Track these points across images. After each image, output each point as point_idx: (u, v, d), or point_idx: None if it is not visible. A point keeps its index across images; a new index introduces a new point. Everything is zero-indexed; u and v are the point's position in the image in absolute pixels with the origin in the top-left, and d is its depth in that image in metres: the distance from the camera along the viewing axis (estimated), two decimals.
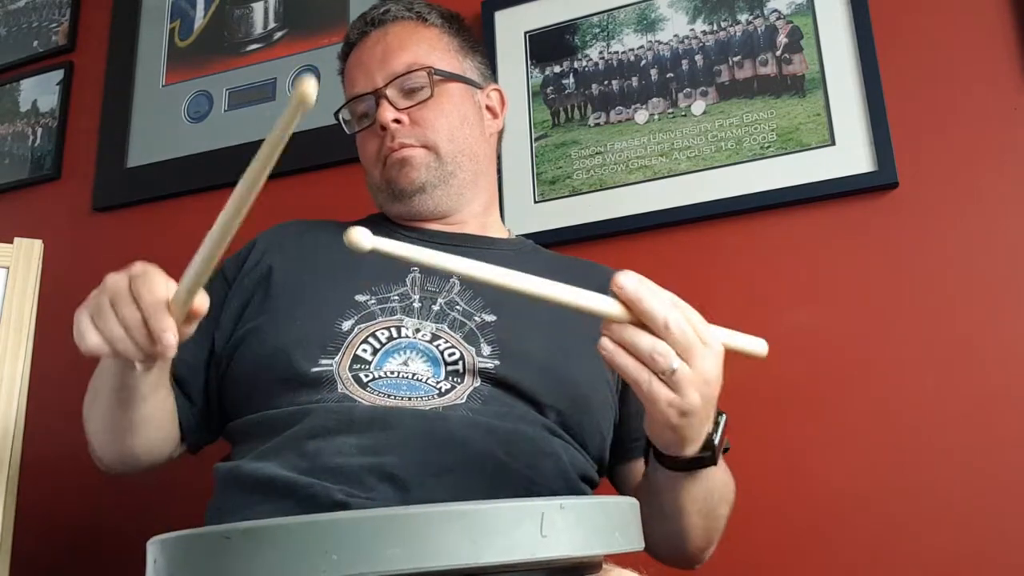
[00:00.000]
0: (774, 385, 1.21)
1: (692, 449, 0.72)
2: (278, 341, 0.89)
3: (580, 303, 0.65)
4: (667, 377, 0.65)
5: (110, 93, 1.75)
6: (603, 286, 1.01)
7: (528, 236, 1.21)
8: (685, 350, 0.65)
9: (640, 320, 0.65)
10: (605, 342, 0.66)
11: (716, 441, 0.73)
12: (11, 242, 1.16)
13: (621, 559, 0.64)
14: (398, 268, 0.95)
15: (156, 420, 0.89)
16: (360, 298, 0.91)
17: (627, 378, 0.67)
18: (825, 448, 1.17)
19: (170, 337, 0.68)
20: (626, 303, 0.65)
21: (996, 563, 1.07)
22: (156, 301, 0.68)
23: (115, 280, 0.71)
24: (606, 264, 1.10)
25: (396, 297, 0.92)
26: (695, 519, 0.82)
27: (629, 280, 0.64)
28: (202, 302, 0.69)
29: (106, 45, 1.79)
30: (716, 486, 0.80)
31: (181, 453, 0.98)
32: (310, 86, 0.50)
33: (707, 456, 0.73)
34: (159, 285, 0.69)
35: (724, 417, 0.74)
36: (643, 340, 0.65)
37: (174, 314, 0.68)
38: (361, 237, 0.56)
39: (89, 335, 0.71)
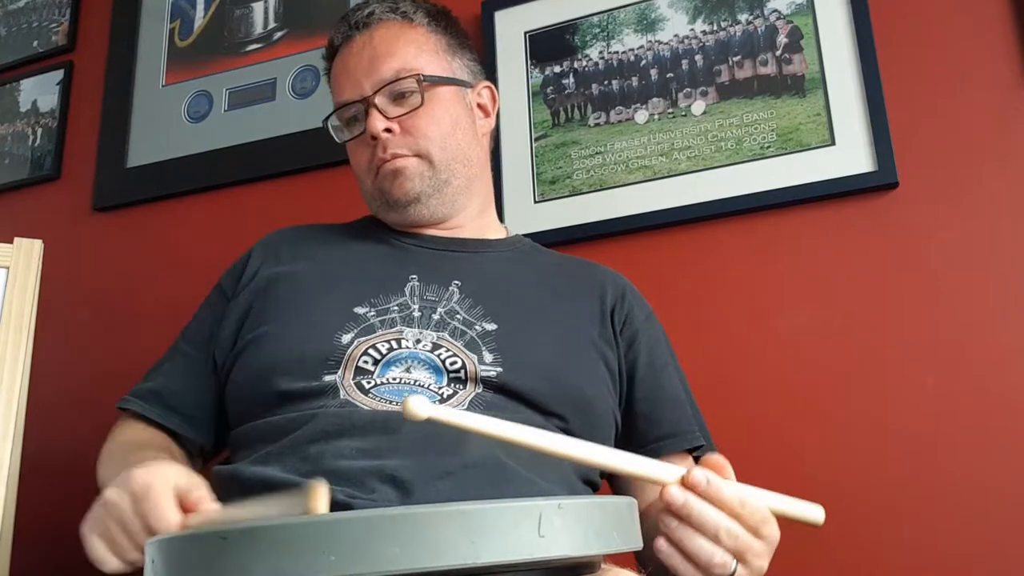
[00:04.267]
0: (773, 385, 1.21)
1: None
2: (277, 355, 0.89)
3: (648, 473, 0.67)
4: None
5: (110, 93, 1.75)
6: (602, 285, 1.02)
7: (528, 236, 1.20)
8: (740, 554, 0.67)
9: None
10: (662, 544, 0.67)
11: None
12: (11, 242, 1.16)
13: (619, 559, 0.64)
14: (397, 277, 0.95)
15: None
16: (359, 310, 0.91)
17: None
18: (824, 448, 1.17)
19: None
20: (678, 516, 0.66)
21: (996, 563, 1.07)
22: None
23: (116, 501, 0.71)
24: (606, 264, 1.10)
25: (395, 308, 0.91)
26: None
27: (677, 496, 0.65)
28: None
29: (106, 45, 1.79)
30: None
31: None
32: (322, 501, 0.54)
33: None
34: (167, 512, 0.68)
35: None
36: (702, 549, 0.66)
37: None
38: (417, 408, 0.54)
39: (109, 563, 0.72)
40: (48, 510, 1.43)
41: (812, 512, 0.72)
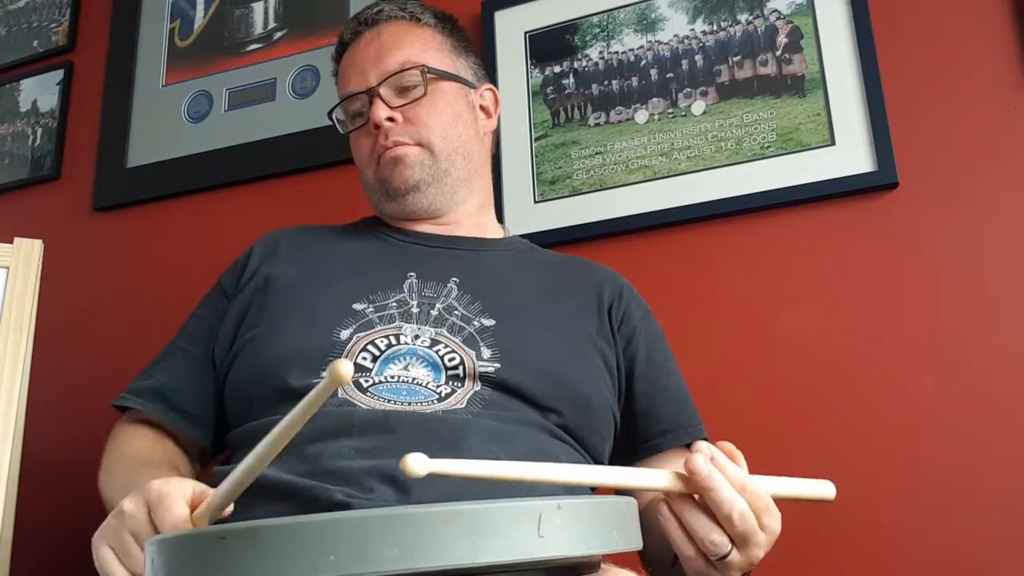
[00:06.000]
0: (773, 385, 1.21)
1: None
2: (276, 352, 0.89)
3: (642, 483, 0.66)
4: (715, 560, 0.66)
5: (110, 93, 1.75)
6: (600, 283, 1.02)
7: (528, 236, 1.20)
8: (742, 540, 0.66)
9: (703, 498, 0.65)
10: (664, 509, 0.67)
11: None
12: (11, 242, 1.16)
13: (619, 559, 0.64)
14: (395, 274, 0.95)
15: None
16: (358, 306, 0.91)
17: (675, 548, 0.68)
18: (823, 448, 1.17)
19: None
20: (696, 488, 0.65)
21: (996, 563, 1.07)
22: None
23: (132, 511, 0.69)
24: (606, 264, 1.10)
25: (394, 304, 0.92)
26: None
27: (702, 466, 0.64)
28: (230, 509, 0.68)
29: (106, 45, 1.79)
30: None
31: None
32: (346, 368, 0.49)
33: None
34: (179, 512, 0.67)
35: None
36: (701, 525, 0.65)
37: (204, 521, 0.66)
38: (415, 465, 0.51)
39: (118, 573, 0.68)
40: (48, 510, 1.44)
41: (822, 489, 0.70)
